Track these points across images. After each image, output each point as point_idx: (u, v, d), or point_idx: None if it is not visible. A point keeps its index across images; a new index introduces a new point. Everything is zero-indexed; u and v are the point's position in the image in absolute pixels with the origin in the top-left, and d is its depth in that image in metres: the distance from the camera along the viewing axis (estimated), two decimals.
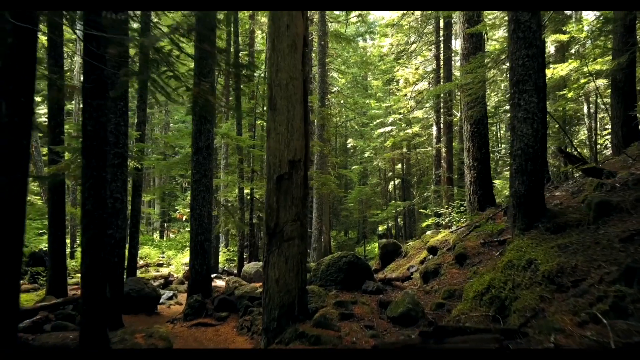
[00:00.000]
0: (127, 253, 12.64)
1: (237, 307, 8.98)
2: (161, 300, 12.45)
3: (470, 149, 10.03)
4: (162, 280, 15.32)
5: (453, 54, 19.59)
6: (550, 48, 17.72)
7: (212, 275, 17.63)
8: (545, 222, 4.63)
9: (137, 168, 12.10)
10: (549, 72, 10.27)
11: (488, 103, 14.29)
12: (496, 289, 4.17)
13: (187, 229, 22.64)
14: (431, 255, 9.49)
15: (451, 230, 9.83)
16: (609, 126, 19.22)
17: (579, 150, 13.51)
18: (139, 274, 17.64)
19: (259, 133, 17.39)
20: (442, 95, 19.17)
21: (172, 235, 27.62)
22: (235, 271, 20.87)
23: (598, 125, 17.51)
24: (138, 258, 21.15)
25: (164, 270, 18.25)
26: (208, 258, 9.76)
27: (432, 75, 20.83)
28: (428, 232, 13.10)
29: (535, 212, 4.73)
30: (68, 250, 17.91)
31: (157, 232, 28.56)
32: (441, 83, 19.38)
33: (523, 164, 4.81)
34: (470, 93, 8.90)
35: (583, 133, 17.86)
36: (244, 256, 23.95)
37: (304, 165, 5.49)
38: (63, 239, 9.32)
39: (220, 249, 19.60)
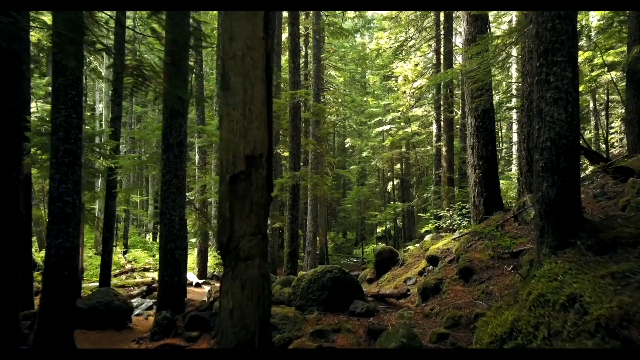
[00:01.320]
0: (101, 261, 11.48)
1: (211, 325, 7.74)
2: (138, 311, 11.22)
3: (475, 145, 8.75)
4: (144, 288, 14.06)
5: (454, 48, 18.31)
6: None
7: (201, 282, 16.42)
8: (585, 238, 3.35)
9: (110, 168, 10.88)
10: None
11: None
12: (523, 335, 2.89)
13: None
14: (431, 266, 8.21)
15: (454, 237, 8.55)
16: (614, 124, 17.95)
17: (590, 147, 12.22)
18: (121, 280, 16.43)
19: None
20: (442, 90, 17.89)
21: None
22: None
23: (606, 122, 16.21)
24: (126, 262, 19.99)
25: (150, 276, 17.01)
26: (180, 268, 8.50)
27: (431, 70, 19.53)
28: (427, 237, 11.84)
29: (570, 223, 3.46)
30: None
31: (150, 233, 27.33)
32: None
33: (554, 160, 3.54)
34: (475, 79, 7.64)
35: (589, 131, 16.54)
36: None
37: (266, 162, 4.17)
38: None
39: (209, 252, 18.37)
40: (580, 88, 13.44)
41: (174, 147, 8.36)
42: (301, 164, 26.34)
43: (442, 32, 18.06)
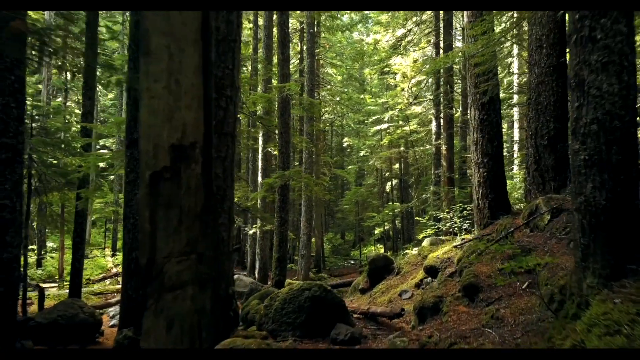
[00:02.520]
0: (71, 268, 10.38)
1: None
2: (114, 322, 10.16)
3: (479, 141, 7.63)
4: None
5: (454, 41, 17.20)
6: None
7: None
8: None
9: (80, 166, 9.80)
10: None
11: None
12: None
13: None
14: (429, 278, 7.10)
15: (455, 244, 7.43)
16: None
17: None
18: (104, 286, 15.34)
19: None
20: (442, 86, 16.77)
21: None
22: None
23: None
24: (113, 265, 18.80)
25: None
26: None
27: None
28: (425, 242, 10.73)
29: (629, 242, 2.35)
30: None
31: None
32: (441, 72, 16.99)
33: (602, 150, 2.42)
34: (479, 62, 6.53)
35: None
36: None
37: (203, 154, 3.02)
38: None
39: None
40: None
41: (139, 143, 7.28)
42: (296, 163, 25.29)
43: (441, 24, 16.94)
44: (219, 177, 4.91)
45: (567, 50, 6.42)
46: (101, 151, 18.24)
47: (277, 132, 12.05)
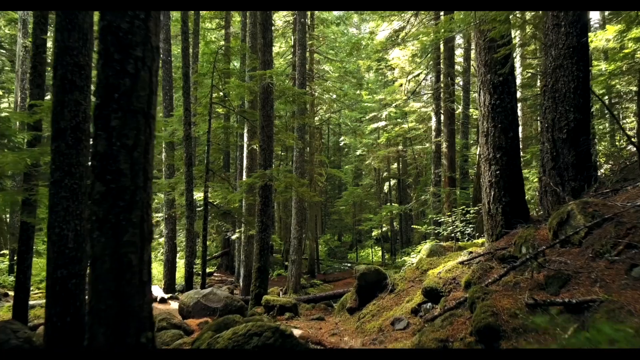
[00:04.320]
0: (15, 283, 8.80)
1: None
2: None
3: (490, 132, 6.05)
4: None
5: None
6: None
7: (167, 296, 13.73)
8: None
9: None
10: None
11: None
12: None
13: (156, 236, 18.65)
14: (429, 303, 5.50)
15: (461, 260, 5.82)
16: None
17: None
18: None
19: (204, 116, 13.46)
20: (442, 79, 15.17)
21: None
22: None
23: None
24: (35, 286, 16.75)
25: None
26: (76, 304, 5.84)
27: (430, 58, 16.79)
28: (424, 250, 9.15)
29: None
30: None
31: None
32: (442, 65, 15.39)
33: None
34: (491, 26, 4.97)
35: (630, 118, 13.72)
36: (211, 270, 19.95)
37: None
38: None
39: (177, 261, 15.68)
40: (610, 68, 10.65)
41: (67, 134, 5.68)
42: (289, 162, 23.60)
43: (442, 13, 15.34)
44: (123, 174, 3.32)
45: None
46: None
47: (258, 126, 10.47)
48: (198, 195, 12.89)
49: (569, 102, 6.51)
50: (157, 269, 15.36)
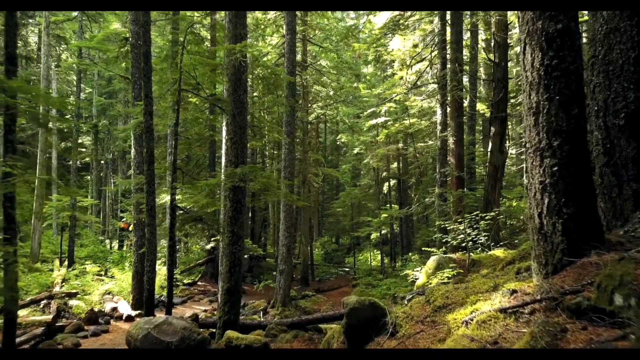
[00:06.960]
0: None
1: None
2: None
3: (542, 107, 3.83)
4: (37, 331, 9.19)
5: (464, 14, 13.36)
6: None
7: (134, 313, 11.55)
8: None
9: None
10: None
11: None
12: None
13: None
14: None
15: (504, 308, 3.56)
16: None
17: None
18: (28, 312, 11.61)
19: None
20: (449, 65, 12.89)
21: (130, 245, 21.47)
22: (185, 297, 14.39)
23: None
24: (60, 282, 14.89)
25: (72, 303, 12.12)
26: None
27: (434, 48, 14.53)
28: (430, 264, 6.90)
29: None
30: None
31: (117, 240, 22.46)
32: (448, 52, 13.13)
33: None
34: None
35: None
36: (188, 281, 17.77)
37: None
38: None
39: (158, 269, 13.51)
40: None
41: None
42: (271, 160, 21.32)
43: None
44: None
45: None
46: None
47: (228, 114, 8.24)
48: (167, 198, 10.74)
49: (627, 77, 4.53)
50: (126, 283, 13.15)
